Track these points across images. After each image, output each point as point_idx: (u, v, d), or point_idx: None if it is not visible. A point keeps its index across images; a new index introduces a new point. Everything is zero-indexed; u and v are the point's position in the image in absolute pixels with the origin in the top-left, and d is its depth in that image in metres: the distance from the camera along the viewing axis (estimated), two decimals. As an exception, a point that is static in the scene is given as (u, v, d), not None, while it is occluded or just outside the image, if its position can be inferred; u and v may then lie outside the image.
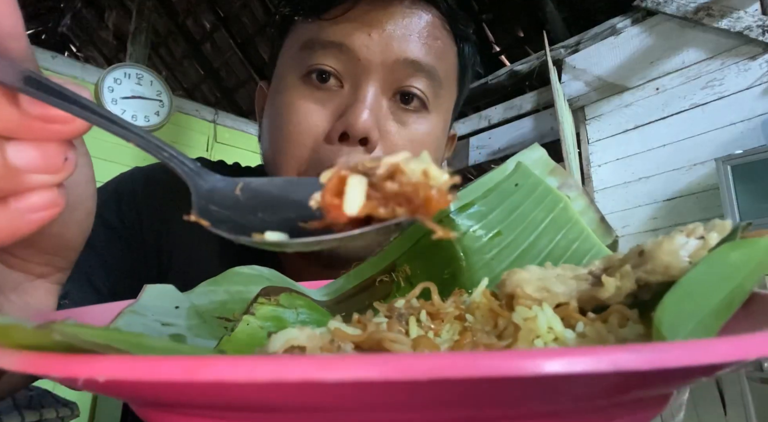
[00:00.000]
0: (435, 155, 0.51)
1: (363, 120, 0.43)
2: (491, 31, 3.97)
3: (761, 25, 2.24)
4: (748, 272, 0.19)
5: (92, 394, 2.60)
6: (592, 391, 0.14)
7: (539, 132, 3.20)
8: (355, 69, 0.46)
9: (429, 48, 0.47)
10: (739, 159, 2.05)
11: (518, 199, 0.31)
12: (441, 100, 0.50)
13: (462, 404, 0.13)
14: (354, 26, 0.45)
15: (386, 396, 0.13)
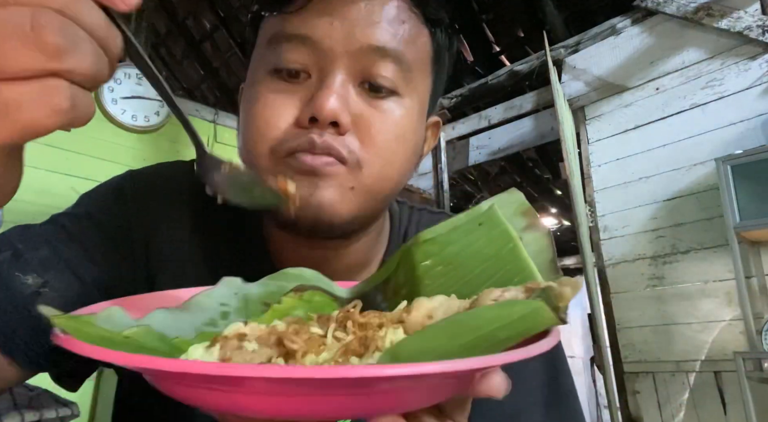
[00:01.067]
0: (412, 140, 0.50)
1: (330, 103, 0.43)
2: (491, 31, 3.97)
3: (761, 25, 2.24)
4: (501, 326, 0.25)
5: (92, 394, 2.60)
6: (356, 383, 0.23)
7: (539, 132, 3.20)
8: (320, 59, 0.46)
9: (394, 33, 0.47)
10: (739, 159, 2.05)
11: (476, 237, 0.37)
12: (414, 85, 0.49)
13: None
14: (316, 16, 0.45)
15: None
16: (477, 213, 0.38)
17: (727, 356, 2.16)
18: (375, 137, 0.46)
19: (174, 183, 0.58)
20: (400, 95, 0.48)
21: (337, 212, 0.46)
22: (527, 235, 0.38)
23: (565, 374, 0.58)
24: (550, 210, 6.41)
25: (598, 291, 2.53)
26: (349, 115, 0.45)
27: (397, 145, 0.48)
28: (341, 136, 0.45)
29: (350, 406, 0.25)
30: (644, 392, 2.42)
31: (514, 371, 0.54)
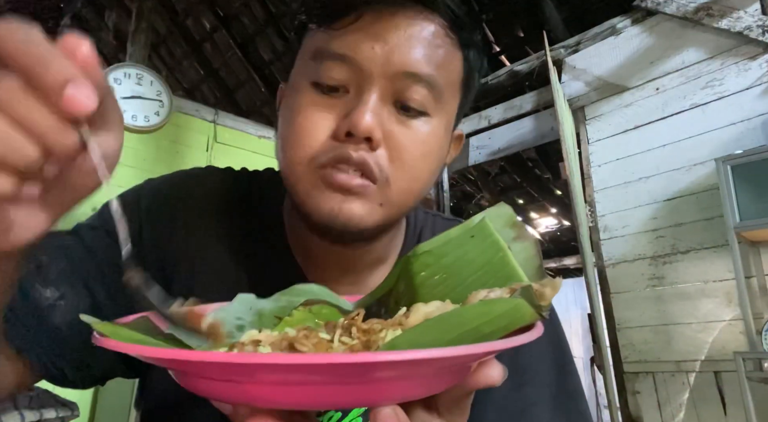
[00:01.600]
0: (438, 156, 0.54)
1: (366, 120, 0.47)
2: (491, 31, 3.97)
3: (761, 25, 2.24)
4: (487, 321, 0.28)
5: (92, 394, 2.60)
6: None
7: (539, 132, 3.20)
8: (358, 77, 0.49)
9: (429, 58, 0.50)
10: (739, 159, 2.05)
11: (469, 247, 0.41)
12: (442, 105, 0.52)
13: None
14: (359, 39, 0.49)
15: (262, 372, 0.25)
16: (469, 226, 0.42)
17: (727, 356, 2.16)
18: (403, 154, 0.50)
19: (191, 192, 0.60)
20: (429, 115, 0.51)
21: (365, 223, 0.49)
22: (516, 245, 0.41)
23: (573, 374, 0.59)
24: (550, 210, 6.41)
25: (598, 291, 2.53)
26: (381, 132, 0.48)
27: (423, 162, 0.51)
28: (373, 151, 0.49)
29: (352, 395, 0.27)
30: (644, 392, 2.42)
31: (524, 369, 0.56)
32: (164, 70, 5.34)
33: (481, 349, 0.26)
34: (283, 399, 0.27)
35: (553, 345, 0.60)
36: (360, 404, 0.29)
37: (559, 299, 7.85)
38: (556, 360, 0.59)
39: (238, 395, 0.27)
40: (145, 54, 3.48)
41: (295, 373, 0.25)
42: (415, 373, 0.28)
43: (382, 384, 0.27)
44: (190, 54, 5.19)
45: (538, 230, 7.07)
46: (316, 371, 0.24)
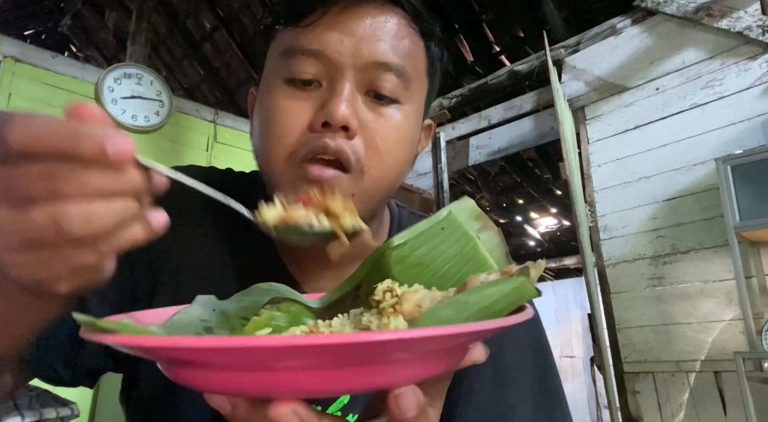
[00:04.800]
0: (410, 143, 0.56)
1: (342, 109, 0.49)
2: (491, 31, 3.97)
3: (761, 25, 2.24)
4: (498, 298, 0.30)
5: (92, 394, 2.60)
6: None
7: (539, 132, 3.20)
8: (330, 70, 0.51)
9: (396, 48, 0.53)
10: (739, 159, 2.05)
11: (440, 239, 0.43)
12: (412, 93, 0.55)
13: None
14: (327, 33, 0.51)
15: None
16: (438, 219, 0.44)
17: (727, 356, 2.16)
18: (379, 141, 0.52)
19: (176, 190, 0.59)
20: (400, 103, 0.54)
21: None
22: (482, 235, 0.44)
23: (554, 375, 0.60)
24: (550, 210, 6.41)
25: (598, 291, 2.53)
26: (357, 120, 0.50)
27: (397, 149, 0.53)
28: (350, 140, 0.50)
29: (371, 378, 0.27)
30: (644, 392, 2.42)
31: (506, 370, 0.56)
32: (164, 70, 5.34)
33: (505, 322, 0.28)
34: (303, 385, 0.26)
35: (535, 347, 0.60)
36: (372, 388, 0.28)
37: (559, 299, 7.84)
38: (538, 361, 0.59)
39: (254, 385, 0.26)
40: (145, 54, 3.48)
41: (324, 354, 0.24)
42: (443, 348, 0.29)
43: (400, 365, 0.28)
44: (190, 54, 5.19)
45: (538, 230, 7.07)
46: (348, 351, 0.24)
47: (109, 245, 0.29)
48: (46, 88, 2.80)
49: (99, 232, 0.28)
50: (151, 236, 0.31)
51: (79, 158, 0.26)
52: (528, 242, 7.43)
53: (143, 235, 0.31)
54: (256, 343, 0.23)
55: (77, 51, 5.76)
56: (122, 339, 0.26)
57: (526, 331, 0.60)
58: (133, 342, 0.26)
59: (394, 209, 0.67)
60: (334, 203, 0.41)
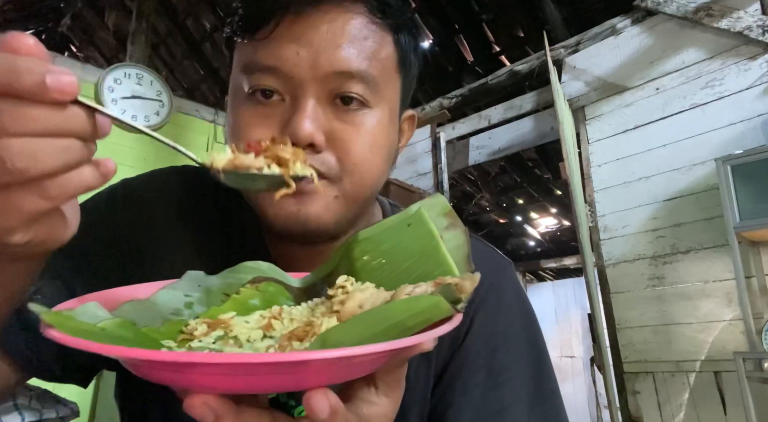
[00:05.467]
0: (386, 144, 0.54)
1: (305, 128, 0.47)
2: (491, 31, 3.97)
3: (761, 25, 2.24)
4: (409, 316, 0.31)
5: (92, 394, 2.60)
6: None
7: (539, 132, 3.20)
8: (291, 85, 0.49)
9: (359, 52, 0.50)
10: (739, 159, 2.05)
11: (405, 235, 0.44)
12: (382, 94, 0.52)
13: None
14: (282, 46, 0.49)
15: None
16: (407, 215, 0.45)
17: (727, 356, 2.16)
18: (350, 150, 0.50)
19: (167, 189, 0.60)
20: (369, 107, 0.51)
21: (324, 221, 0.50)
22: (447, 233, 0.44)
23: (549, 374, 0.60)
24: (550, 210, 6.41)
25: (598, 291, 2.53)
26: (322, 134, 0.49)
27: (371, 154, 0.52)
28: (318, 154, 0.49)
29: (284, 382, 0.30)
30: (644, 392, 2.42)
31: (500, 369, 0.56)
32: (164, 70, 5.34)
33: (385, 347, 0.28)
34: (221, 386, 0.29)
35: (530, 346, 0.59)
36: (291, 389, 0.31)
37: (559, 299, 7.84)
38: (533, 360, 0.59)
39: (183, 383, 0.29)
40: (145, 54, 3.48)
41: (225, 371, 0.28)
42: (333, 366, 0.30)
43: (306, 374, 0.30)
44: (190, 54, 5.19)
45: (538, 230, 7.07)
46: (240, 369, 0.27)
47: (59, 188, 0.28)
48: (46, 88, 2.80)
49: (45, 170, 0.27)
50: (102, 182, 0.31)
51: (20, 93, 0.26)
52: (528, 242, 7.43)
53: (93, 181, 0.30)
54: (156, 357, 0.26)
55: (77, 51, 5.76)
56: (54, 335, 0.28)
57: (521, 330, 0.60)
58: (61, 340, 0.28)
59: (387, 208, 0.66)
60: (283, 151, 0.42)
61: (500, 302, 0.59)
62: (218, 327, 0.37)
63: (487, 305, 0.58)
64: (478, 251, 0.62)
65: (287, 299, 0.45)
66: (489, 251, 0.65)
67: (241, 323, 0.38)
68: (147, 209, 0.58)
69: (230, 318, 0.39)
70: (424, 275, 0.41)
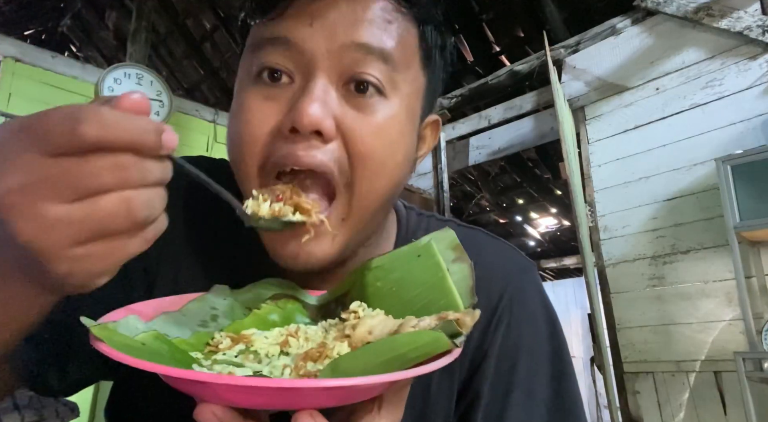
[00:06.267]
0: (401, 144, 0.48)
1: (310, 113, 0.42)
2: (491, 31, 3.97)
3: (761, 25, 2.24)
4: (411, 349, 0.34)
5: (92, 394, 2.60)
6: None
7: (539, 132, 3.20)
8: (302, 62, 0.44)
9: (379, 31, 0.45)
10: (739, 159, 2.05)
11: (414, 266, 0.47)
12: (400, 85, 0.47)
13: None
14: (296, 19, 0.45)
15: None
16: (417, 246, 0.48)
17: (727, 356, 2.16)
18: (361, 142, 0.45)
19: (178, 194, 0.57)
20: (385, 96, 0.46)
21: (330, 255, 0.47)
22: (454, 266, 0.46)
23: (572, 386, 0.57)
24: (550, 210, 6.41)
25: (598, 291, 2.53)
26: (332, 121, 0.43)
27: (385, 150, 0.46)
28: (326, 144, 0.44)
29: (285, 403, 0.33)
30: (644, 392, 2.42)
31: (521, 384, 0.54)
32: (164, 70, 5.34)
33: (382, 379, 0.31)
34: (234, 401, 0.32)
35: (554, 357, 0.57)
36: (290, 408, 0.33)
37: (559, 299, 7.85)
38: (556, 372, 0.56)
39: (203, 394, 0.33)
40: (145, 54, 3.48)
41: (236, 391, 0.31)
42: (335, 393, 0.33)
43: (305, 397, 0.32)
44: (190, 54, 5.19)
45: (538, 230, 7.07)
46: (252, 391, 0.31)
47: (154, 231, 0.31)
48: (46, 88, 2.80)
49: (155, 216, 0.30)
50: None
51: (143, 150, 0.29)
52: (528, 242, 7.43)
53: (164, 224, 0.33)
54: (186, 376, 0.30)
55: (77, 51, 5.76)
56: (102, 348, 0.32)
57: (545, 342, 0.57)
58: (108, 353, 0.31)
59: (401, 212, 0.62)
60: (304, 201, 0.44)
61: (525, 311, 0.57)
62: (240, 342, 0.41)
63: (512, 314, 0.55)
64: (501, 252, 0.60)
65: (303, 315, 0.49)
66: (512, 253, 0.61)
67: (260, 338, 0.42)
68: (177, 209, 0.54)
69: (251, 334, 0.43)
70: (430, 305, 0.43)
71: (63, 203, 0.27)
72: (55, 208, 0.27)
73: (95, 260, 0.29)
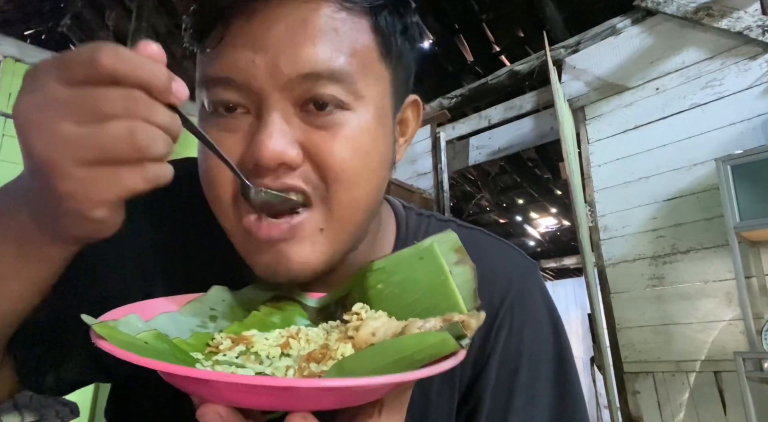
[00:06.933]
0: (375, 150, 0.46)
1: (270, 148, 0.41)
2: (491, 31, 3.97)
3: (761, 25, 2.24)
4: (418, 350, 0.33)
5: (92, 394, 2.60)
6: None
7: (539, 132, 3.20)
8: (252, 98, 0.43)
9: (326, 48, 0.42)
10: (739, 159, 2.05)
11: (416, 268, 0.46)
12: (363, 92, 0.45)
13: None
14: (235, 54, 0.42)
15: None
16: (419, 248, 0.47)
17: (727, 356, 2.16)
18: (331, 161, 0.43)
19: (164, 195, 0.56)
20: (349, 108, 0.44)
21: (310, 266, 0.45)
22: (456, 268, 0.46)
23: (574, 390, 0.56)
24: (550, 210, 6.41)
25: (598, 291, 2.53)
26: (296, 148, 0.42)
27: (356, 161, 0.44)
28: (295, 170, 0.43)
29: (283, 404, 0.32)
30: (644, 392, 2.42)
31: (523, 389, 0.53)
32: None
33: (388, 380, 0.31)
34: (237, 401, 0.32)
35: (557, 362, 0.56)
36: (294, 409, 0.33)
37: (559, 299, 7.85)
38: (559, 377, 0.55)
39: (205, 394, 0.33)
40: (145, 54, 3.48)
41: (238, 390, 0.31)
42: (335, 395, 0.33)
43: (302, 398, 0.32)
44: (190, 54, 5.18)
45: (538, 230, 7.07)
46: (253, 389, 0.30)
47: (155, 172, 0.32)
48: (46, 88, 2.80)
49: (156, 154, 0.32)
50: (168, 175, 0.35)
51: (151, 90, 0.31)
52: (528, 242, 7.43)
53: (169, 175, 0.34)
54: (191, 374, 0.29)
55: (77, 51, 5.75)
56: (104, 346, 0.32)
57: (548, 345, 0.56)
58: (111, 351, 0.31)
59: (400, 212, 0.61)
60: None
61: (527, 314, 0.56)
62: (241, 343, 0.41)
63: (514, 317, 0.54)
64: (503, 254, 0.59)
65: (303, 317, 0.48)
66: (513, 253, 0.60)
67: (261, 339, 0.41)
68: (145, 225, 0.55)
69: (252, 335, 0.42)
70: (432, 307, 0.43)
71: (74, 123, 0.30)
72: (66, 126, 0.30)
73: (97, 186, 0.31)
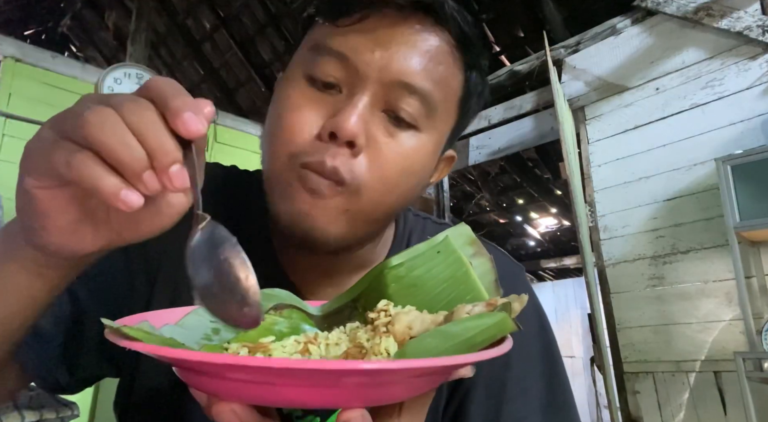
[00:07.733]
0: (420, 173, 0.52)
1: (351, 123, 0.45)
2: (491, 31, 3.97)
3: (761, 25, 2.24)
4: (479, 332, 0.33)
5: (92, 394, 2.60)
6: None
7: (539, 132, 3.20)
8: (353, 78, 0.48)
9: (428, 72, 0.49)
10: (739, 159, 2.05)
11: (435, 262, 0.46)
12: (435, 123, 0.51)
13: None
14: (360, 40, 0.48)
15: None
16: (435, 243, 0.47)
17: (727, 356, 2.16)
18: (384, 165, 0.48)
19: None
20: (418, 130, 0.49)
21: (327, 232, 0.48)
22: (474, 260, 0.46)
23: (563, 385, 0.59)
24: (550, 210, 6.41)
25: (598, 291, 2.53)
26: (365, 137, 0.47)
27: (402, 177, 0.49)
28: (353, 158, 0.47)
29: (328, 399, 0.31)
30: (644, 392, 2.42)
31: (513, 382, 0.55)
32: (164, 70, 5.34)
33: (478, 357, 0.30)
34: (264, 397, 0.30)
35: (545, 355, 0.59)
36: (329, 406, 0.32)
37: (559, 299, 7.84)
38: (547, 370, 0.58)
39: (216, 389, 0.31)
40: (145, 54, 3.48)
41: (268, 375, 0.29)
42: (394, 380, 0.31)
43: (352, 390, 0.30)
44: (190, 54, 5.19)
45: (538, 230, 7.07)
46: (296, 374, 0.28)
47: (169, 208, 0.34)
48: (46, 88, 2.80)
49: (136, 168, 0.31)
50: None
51: (161, 109, 0.31)
52: (528, 242, 7.43)
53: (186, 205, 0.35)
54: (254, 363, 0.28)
55: (77, 51, 5.76)
56: (145, 348, 0.30)
57: (536, 340, 0.58)
58: (155, 352, 0.30)
59: (402, 220, 0.64)
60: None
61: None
62: (258, 351, 0.39)
63: None
64: (493, 257, 0.62)
65: (309, 324, 0.47)
66: (501, 256, 0.63)
67: (278, 347, 0.40)
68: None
69: (270, 342, 0.40)
70: (456, 300, 0.43)
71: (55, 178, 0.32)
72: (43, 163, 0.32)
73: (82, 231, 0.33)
